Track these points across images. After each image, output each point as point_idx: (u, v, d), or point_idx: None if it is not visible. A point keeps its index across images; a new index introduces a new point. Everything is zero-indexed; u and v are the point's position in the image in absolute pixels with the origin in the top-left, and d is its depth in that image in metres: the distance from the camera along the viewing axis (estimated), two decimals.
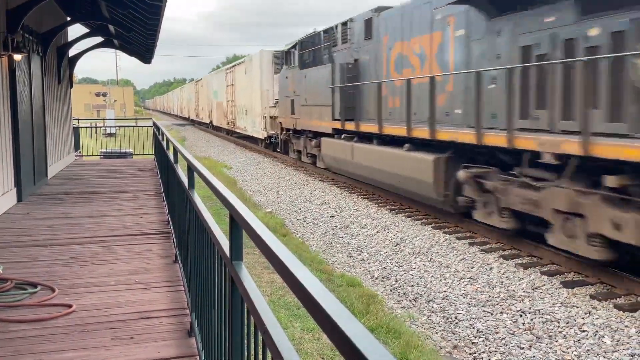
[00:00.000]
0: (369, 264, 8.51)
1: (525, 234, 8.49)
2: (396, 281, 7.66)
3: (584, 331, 5.75)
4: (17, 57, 8.59)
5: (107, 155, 18.15)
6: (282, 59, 21.18)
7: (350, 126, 13.77)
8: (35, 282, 4.86)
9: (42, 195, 9.59)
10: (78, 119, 20.22)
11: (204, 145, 31.44)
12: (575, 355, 5.33)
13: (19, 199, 8.88)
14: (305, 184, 15.88)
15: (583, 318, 6.03)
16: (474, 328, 6.03)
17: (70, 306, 4.30)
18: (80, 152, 17.96)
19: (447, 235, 9.59)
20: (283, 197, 14.15)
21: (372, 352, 0.83)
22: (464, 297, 6.89)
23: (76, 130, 17.37)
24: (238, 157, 24.34)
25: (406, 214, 11.39)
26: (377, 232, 10.22)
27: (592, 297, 6.54)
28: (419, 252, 8.83)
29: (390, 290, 7.37)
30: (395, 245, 9.31)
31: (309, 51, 17.70)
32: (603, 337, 5.60)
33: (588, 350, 5.39)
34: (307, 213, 12.11)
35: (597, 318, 5.99)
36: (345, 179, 15.41)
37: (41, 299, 4.50)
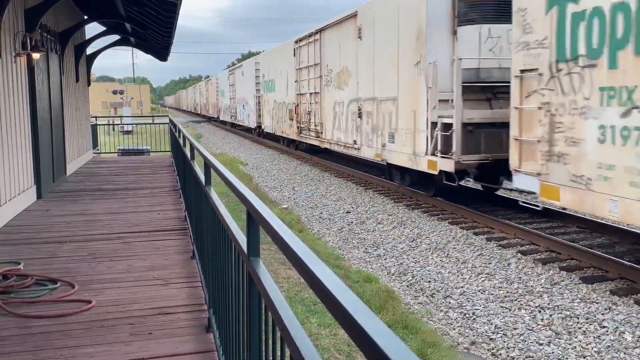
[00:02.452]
0: (385, 259, 8.49)
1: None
2: (413, 277, 7.63)
3: (604, 327, 5.69)
4: (36, 55, 8.69)
5: (125, 152, 18.32)
6: None
7: None
8: (55, 278, 4.92)
9: (61, 193, 9.70)
10: (96, 117, 20.43)
11: (219, 141, 31.57)
12: (595, 351, 5.27)
13: (39, 196, 8.99)
14: (320, 180, 15.88)
15: (603, 314, 5.96)
16: (491, 324, 5.99)
17: (89, 302, 4.35)
18: (98, 149, 18.14)
19: (464, 230, 9.53)
20: (299, 193, 14.16)
21: (393, 348, 0.82)
22: (481, 293, 6.84)
23: (94, 127, 17.55)
24: (254, 153, 24.40)
25: (422, 209, 11.34)
26: (394, 227, 10.19)
27: (612, 292, 6.46)
28: (435, 248, 8.79)
29: (407, 286, 7.35)
30: (412, 241, 9.27)
31: None
32: (624, 333, 5.53)
33: (608, 346, 5.32)
34: (323, 209, 12.11)
35: (617, 314, 5.91)
36: (361, 174, 15.37)
37: (61, 294, 4.55)
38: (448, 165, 9.88)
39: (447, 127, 9.93)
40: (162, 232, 6.76)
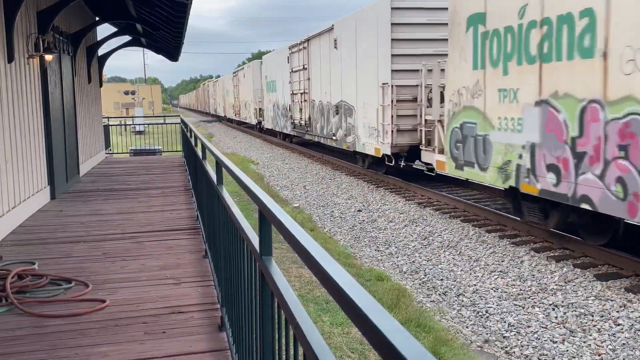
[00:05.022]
0: (397, 258, 8.47)
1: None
2: (425, 275, 7.61)
3: (619, 325, 5.64)
4: (48, 57, 8.76)
5: (137, 153, 18.43)
6: None
7: None
8: (70, 277, 4.96)
9: (74, 193, 9.78)
10: (108, 117, 20.57)
11: (231, 141, 31.66)
12: (610, 349, 5.22)
13: (52, 196, 9.07)
14: (332, 179, 15.88)
15: (618, 311, 5.91)
16: (505, 322, 5.95)
17: (103, 301, 4.38)
18: (110, 149, 18.26)
19: (477, 228, 9.48)
20: (310, 192, 14.17)
21: (407, 346, 0.82)
22: (494, 291, 6.81)
23: (106, 128, 17.67)
24: (265, 152, 24.45)
25: (434, 207, 11.30)
26: (405, 225, 10.16)
27: (627, 290, 6.40)
28: (447, 246, 8.75)
29: (419, 284, 7.33)
30: (424, 239, 9.25)
31: None
32: (639, 330, 5.48)
33: (623, 344, 5.28)
34: (335, 207, 12.10)
35: (632, 311, 5.86)
36: (373, 172, 15.36)
37: (75, 294, 4.59)
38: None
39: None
40: (175, 231, 6.79)
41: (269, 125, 28.64)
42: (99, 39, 14.27)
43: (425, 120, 12.27)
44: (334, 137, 17.82)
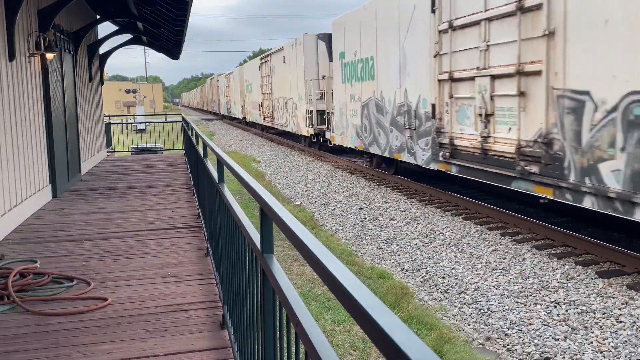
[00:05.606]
0: (398, 255, 8.47)
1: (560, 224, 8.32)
2: (427, 273, 7.61)
3: (621, 322, 5.63)
4: (49, 55, 8.76)
5: (138, 151, 18.43)
6: None
7: None
8: (72, 276, 4.97)
9: (76, 191, 9.79)
10: (109, 116, 20.58)
11: (232, 139, 31.66)
12: (612, 346, 5.22)
13: (54, 195, 9.08)
14: (333, 177, 15.88)
15: (620, 309, 5.90)
16: (507, 319, 5.95)
17: (105, 299, 4.38)
18: (112, 148, 18.27)
19: (478, 226, 9.48)
20: (311, 190, 14.17)
21: (408, 344, 0.82)
22: (496, 289, 6.80)
23: (107, 126, 17.68)
24: (266, 150, 24.44)
25: (436, 205, 11.29)
26: (407, 223, 10.16)
27: (629, 287, 6.39)
28: (449, 243, 8.75)
29: (421, 282, 7.33)
30: (426, 237, 9.24)
31: None
32: None
33: (625, 341, 5.27)
34: (336, 205, 12.10)
35: (634, 308, 5.85)
36: (374, 171, 15.35)
37: (77, 292, 4.60)
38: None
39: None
40: (176, 229, 6.80)
41: (352, 143, 16.14)
42: (100, 37, 14.28)
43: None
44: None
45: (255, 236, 2.21)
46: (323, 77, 20.25)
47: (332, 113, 17.92)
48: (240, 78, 37.93)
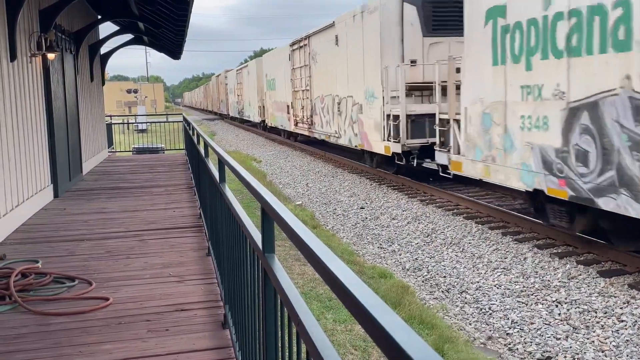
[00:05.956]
0: (400, 255, 8.47)
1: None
2: (428, 272, 7.61)
3: (622, 321, 5.63)
4: (51, 56, 8.77)
5: (140, 151, 18.45)
6: None
7: None
8: (73, 275, 4.97)
9: (77, 191, 9.80)
10: (110, 116, 20.59)
11: (233, 139, 31.67)
12: (613, 345, 5.22)
13: (56, 195, 9.09)
14: (334, 176, 15.88)
15: (621, 308, 5.90)
16: (508, 319, 5.95)
17: (107, 299, 4.39)
18: (113, 148, 18.29)
19: (480, 225, 9.47)
20: (312, 190, 14.17)
21: (410, 343, 0.82)
22: (497, 288, 6.80)
23: (109, 126, 17.69)
24: (267, 150, 24.45)
25: (437, 204, 11.29)
26: (408, 223, 10.16)
27: (630, 286, 6.39)
28: (450, 243, 8.75)
29: (422, 282, 7.33)
30: (427, 236, 9.24)
31: None
32: None
33: (627, 340, 5.27)
34: (337, 205, 12.10)
35: (636, 307, 5.85)
36: (375, 171, 15.34)
37: (79, 292, 4.60)
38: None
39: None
40: (178, 229, 6.80)
41: (524, 180, 8.40)
42: (101, 37, 14.29)
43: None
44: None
45: (257, 236, 2.21)
46: (413, 63, 13.35)
47: (457, 121, 10.42)
48: (258, 72, 30.74)
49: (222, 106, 50.65)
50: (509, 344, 5.46)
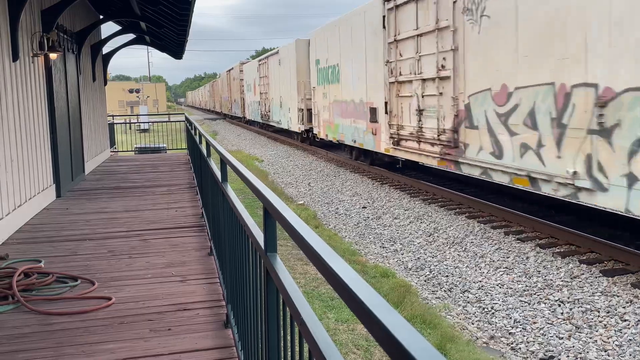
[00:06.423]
0: (402, 254, 8.46)
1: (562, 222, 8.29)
2: (430, 271, 7.60)
3: (625, 320, 5.61)
4: (53, 56, 8.78)
5: (142, 151, 18.48)
6: None
7: None
8: (76, 275, 4.98)
9: (80, 191, 9.81)
10: (113, 116, 20.62)
11: (235, 139, 31.68)
12: (616, 345, 5.21)
13: (58, 194, 9.10)
14: (336, 176, 15.87)
15: (624, 307, 5.89)
16: (510, 318, 5.94)
17: (109, 299, 4.39)
18: (115, 147, 18.30)
19: (482, 224, 9.46)
20: (315, 189, 14.17)
21: (412, 343, 0.81)
22: (500, 287, 6.79)
23: (111, 126, 17.71)
24: (269, 150, 24.45)
25: (439, 203, 11.28)
26: (410, 222, 10.15)
27: (633, 285, 6.38)
28: (453, 242, 8.74)
29: (425, 281, 7.32)
30: (429, 236, 9.23)
31: None
32: None
33: (630, 340, 5.26)
34: (339, 204, 12.10)
35: (639, 307, 5.83)
36: (378, 170, 15.34)
37: (82, 292, 4.61)
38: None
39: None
40: (180, 229, 6.81)
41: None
42: (103, 37, 14.30)
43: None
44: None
45: (259, 235, 2.21)
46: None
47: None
48: (299, 59, 22.20)
49: (234, 107, 42.25)
50: (512, 344, 5.45)
